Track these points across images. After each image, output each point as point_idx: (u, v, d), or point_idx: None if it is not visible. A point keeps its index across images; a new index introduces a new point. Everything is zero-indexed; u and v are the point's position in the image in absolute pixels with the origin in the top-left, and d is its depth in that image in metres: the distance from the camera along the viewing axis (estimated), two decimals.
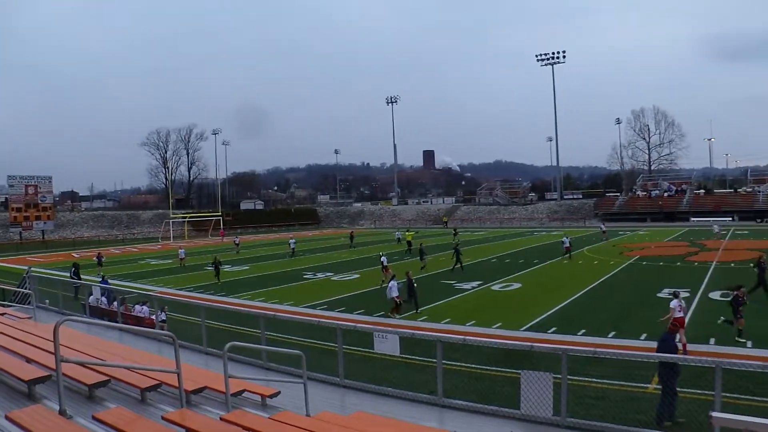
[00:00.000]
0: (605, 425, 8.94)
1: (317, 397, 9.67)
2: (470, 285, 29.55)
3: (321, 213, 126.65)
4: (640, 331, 18.50)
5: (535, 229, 78.40)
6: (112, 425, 5.46)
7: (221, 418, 6.54)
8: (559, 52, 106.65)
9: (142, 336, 14.77)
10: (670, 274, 31.45)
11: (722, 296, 22.62)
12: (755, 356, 15.07)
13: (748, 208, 79.56)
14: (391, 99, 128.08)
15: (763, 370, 8.62)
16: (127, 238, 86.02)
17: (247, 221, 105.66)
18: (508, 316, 21.56)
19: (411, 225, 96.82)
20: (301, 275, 36.03)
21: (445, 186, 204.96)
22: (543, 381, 9.13)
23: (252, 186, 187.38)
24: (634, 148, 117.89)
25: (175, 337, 7.25)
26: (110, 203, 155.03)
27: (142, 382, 7.45)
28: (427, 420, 9.42)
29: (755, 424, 3.61)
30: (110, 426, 5.48)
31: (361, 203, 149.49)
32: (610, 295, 26.00)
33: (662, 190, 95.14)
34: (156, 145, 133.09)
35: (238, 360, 12.68)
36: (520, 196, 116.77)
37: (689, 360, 11.88)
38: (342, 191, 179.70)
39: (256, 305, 24.97)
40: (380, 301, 24.70)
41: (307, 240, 70.70)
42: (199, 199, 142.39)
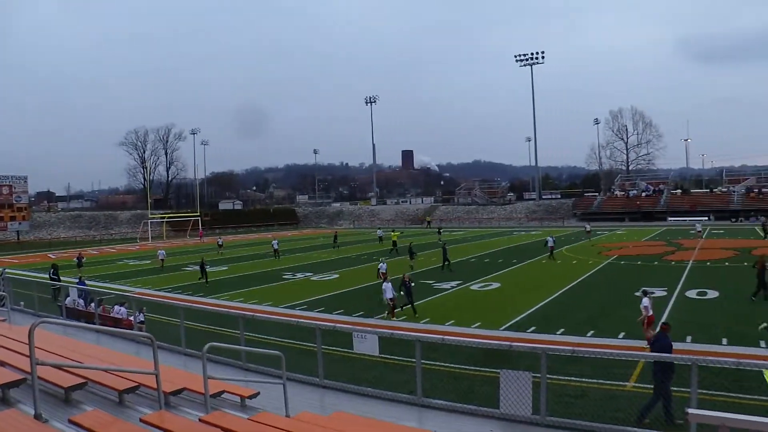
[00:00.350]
0: (584, 423, 8.99)
1: (297, 398, 9.64)
2: (449, 285, 29.62)
3: (300, 213, 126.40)
4: (619, 330, 18.66)
5: (513, 229, 78.71)
6: (89, 428, 5.40)
7: (200, 419, 6.49)
8: (538, 52, 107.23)
9: (120, 337, 14.63)
10: (647, 273, 31.74)
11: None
12: (730, 353, 15.24)
13: (723, 208, 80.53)
14: (370, 99, 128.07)
15: (738, 366, 8.71)
16: (105, 238, 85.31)
17: (226, 221, 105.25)
18: (487, 316, 21.64)
19: (389, 225, 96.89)
20: (281, 275, 35.94)
21: (424, 186, 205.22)
22: (522, 380, 9.16)
23: (231, 186, 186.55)
24: (612, 149, 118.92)
25: (154, 339, 7.19)
26: (88, 203, 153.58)
27: (119, 384, 7.38)
28: (406, 420, 9.42)
29: (730, 420, 3.65)
30: (87, 429, 5.42)
31: (340, 203, 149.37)
32: (589, 294, 26.18)
33: (640, 189, 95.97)
34: (134, 144, 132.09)
35: (217, 361, 12.61)
36: (499, 196, 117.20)
37: (666, 358, 11.98)
38: (321, 191, 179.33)
39: (235, 306, 24.87)
40: (359, 302, 24.71)
41: (286, 240, 70.43)
42: (177, 200, 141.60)
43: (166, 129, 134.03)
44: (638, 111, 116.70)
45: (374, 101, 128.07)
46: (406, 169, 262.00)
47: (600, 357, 13.60)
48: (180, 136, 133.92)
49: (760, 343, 16.50)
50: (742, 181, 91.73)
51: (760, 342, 16.58)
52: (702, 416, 4.14)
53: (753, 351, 15.51)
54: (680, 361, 9.44)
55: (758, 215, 72.78)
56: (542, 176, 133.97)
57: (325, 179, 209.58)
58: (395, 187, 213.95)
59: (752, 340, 16.70)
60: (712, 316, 20.57)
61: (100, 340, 14.46)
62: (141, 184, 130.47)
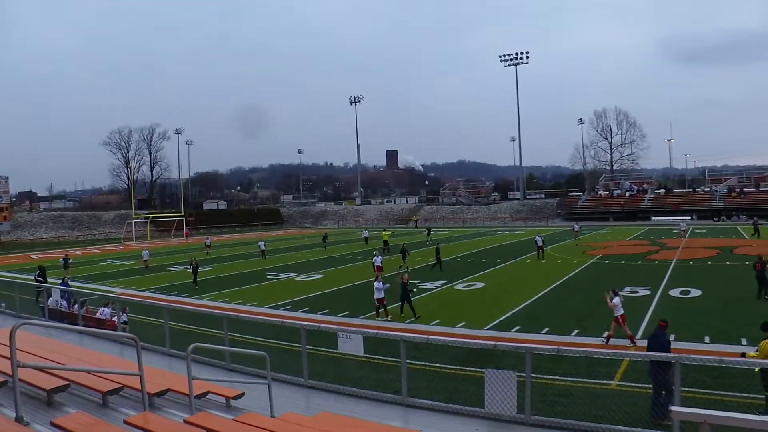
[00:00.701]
0: (569, 422, 9.03)
1: (282, 398, 9.63)
2: (434, 284, 29.66)
3: (284, 213, 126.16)
4: (603, 329, 18.72)
5: (498, 229, 78.92)
6: (72, 431, 5.37)
7: (185, 420, 6.47)
8: (523, 53, 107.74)
9: (104, 339, 14.54)
10: (631, 272, 31.95)
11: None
12: (712, 351, 15.39)
13: (706, 208, 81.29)
14: (355, 99, 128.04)
15: (720, 364, 8.80)
16: (89, 239, 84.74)
17: (210, 221, 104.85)
18: (472, 316, 21.68)
19: (374, 225, 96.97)
20: (265, 276, 35.85)
21: (409, 186, 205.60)
22: (507, 379, 9.19)
23: (215, 186, 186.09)
24: (596, 148, 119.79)
25: (138, 339, 7.15)
26: (70, 204, 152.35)
27: (103, 386, 7.33)
28: (392, 419, 9.42)
29: (712, 417, 3.68)
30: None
31: (325, 203, 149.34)
32: (573, 293, 26.28)
33: (624, 189, 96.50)
34: (118, 144, 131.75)
35: (202, 361, 12.56)
36: (483, 196, 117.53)
37: (649, 356, 12.06)
38: (305, 191, 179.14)
39: (219, 306, 24.80)
40: (344, 302, 24.70)
41: (271, 240, 70.27)
42: (161, 200, 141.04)
43: (150, 129, 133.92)
44: (622, 111, 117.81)
45: (359, 101, 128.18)
46: (390, 169, 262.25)
47: (584, 356, 13.70)
48: (164, 136, 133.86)
49: (741, 341, 16.65)
50: (724, 181, 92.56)
51: (741, 340, 16.73)
52: (684, 413, 4.18)
53: (735, 349, 15.63)
54: (664, 359, 9.50)
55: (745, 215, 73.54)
56: (527, 176, 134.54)
57: (309, 179, 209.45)
58: (380, 187, 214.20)
59: (734, 338, 16.88)
60: (695, 314, 20.73)
61: (83, 341, 14.36)
62: (125, 184, 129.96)
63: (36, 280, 26.73)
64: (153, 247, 62.58)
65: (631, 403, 11.22)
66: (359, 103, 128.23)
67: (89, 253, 59.66)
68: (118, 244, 73.93)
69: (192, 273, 33.22)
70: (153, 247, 64.09)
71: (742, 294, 24.04)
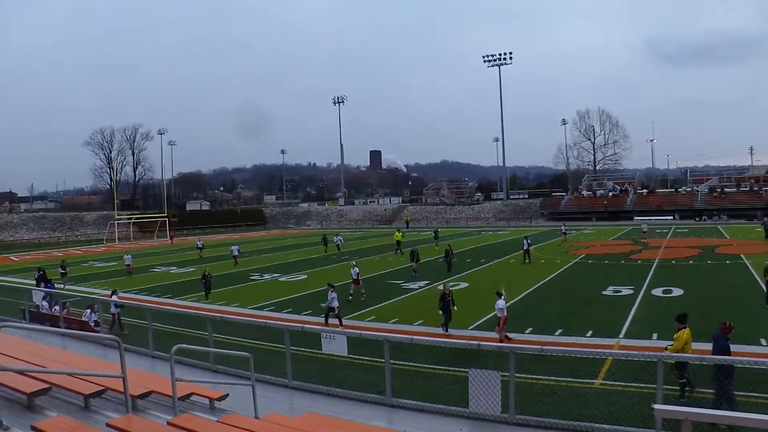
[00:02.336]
0: (553, 421, 9.08)
1: (266, 399, 9.61)
2: (417, 285, 29.70)
3: (267, 213, 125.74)
4: (586, 329, 18.86)
5: (481, 229, 79.09)
6: None
7: (168, 422, 6.45)
8: (506, 53, 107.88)
9: (86, 341, 14.46)
10: (614, 272, 32.15)
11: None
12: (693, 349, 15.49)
13: (687, 207, 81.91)
14: (338, 99, 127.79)
15: (701, 362, 8.89)
16: (71, 240, 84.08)
17: (194, 222, 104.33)
18: (456, 316, 21.70)
19: (357, 225, 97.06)
20: (248, 276, 35.75)
21: (392, 186, 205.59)
22: (491, 379, 9.22)
23: (198, 186, 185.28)
24: (579, 149, 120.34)
25: (120, 341, 7.10)
26: (52, 204, 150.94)
27: (85, 389, 7.29)
28: (376, 420, 9.44)
29: (693, 414, 3.73)
30: None
31: (308, 203, 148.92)
32: (557, 293, 26.40)
33: (607, 189, 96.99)
34: (100, 145, 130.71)
35: (186, 363, 12.52)
36: (467, 196, 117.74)
37: (632, 355, 12.13)
38: (288, 191, 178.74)
39: (203, 307, 24.68)
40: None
41: (254, 241, 70.07)
42: (144, 200, 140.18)
43: (132, 129, 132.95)
44: (605, 112, 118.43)
45: (342, 101, 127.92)
46: (374, 169, 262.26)
47: (568, 355, 13.77)
48: (147, 136, 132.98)
49: None
50: (705, 181, 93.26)
51: None
52: (667, 411, 4.23)
53: None
54: (647, 358, 9.56)
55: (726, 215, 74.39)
56: (510, 176, 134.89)
57: (292, 179, 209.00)
58: (363, 187, 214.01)
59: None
60: (677, 313, 20.80)
61: (65, 343, 14.26)
62: (107, 184, 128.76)
63: (37, 283, 25.94)
64: (136, 248, 62.29)
65: (615, 402, 11.31)
66: (343, 103, 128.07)
67: (71, 255, 59.08)
68: (101, 245, 73.39)
69: (204, 286, 28.64)
70: (136, 248, 63.77)
71: (723, 293, 24.28)
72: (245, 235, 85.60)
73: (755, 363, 9.63)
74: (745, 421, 3.74)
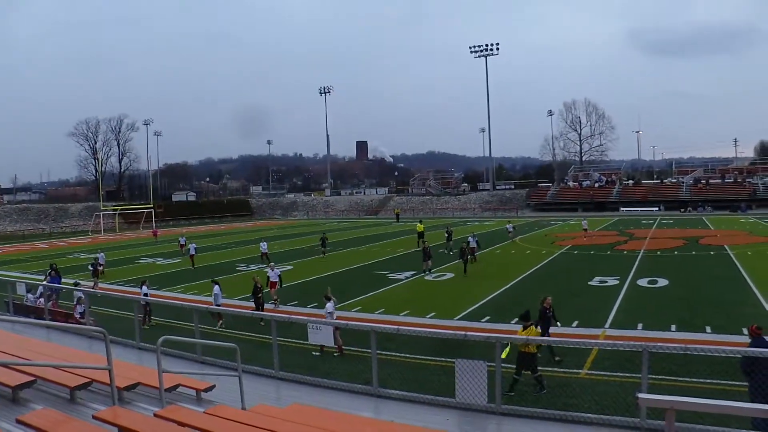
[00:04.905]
0: (539, 411, 9.14)
1: (253, 390, 9.61)
2: (404, 275, 29.74)
3: (254, 204, 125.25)
4: (572, 319, 18.97)
5: (467, 219, 79.19)
6: (39, 428, 5.31)
7: (155, 414, 6.44)
8: (493, 44, 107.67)
9: (72, 333, 14.40)
10: (600, 262, 32.30)
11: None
12: (678, 339, 15.65)
13: (673, 198, 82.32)
14: (325, 89, 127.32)
15: (685, 352, 8.97)
16: (55, 231, 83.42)
17: (180, 213, 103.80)
18: (442, 306, 21.77)
19: (343, 216, 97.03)
20: (235, 267, 35.67)
21: (378, 176, 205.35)
22: (477, 369, 9.26)
23: (184, 177, 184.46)
24: (565, 140, 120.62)
25: (106, 333, 7.07)
26: (36, 196, 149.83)
27: (71, 381, 7.27)
28: (363, 410, 9.46)
29: (677, 403, 3.76)
30: (36, 429, 5.33)
31: (294, 194, 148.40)
32: (543, 283, 26.48)
33: (593, 180, 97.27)
34: (85, 135, 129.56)
35: (173, 354, 12.48)
36: (453, 187, 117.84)
37: (618, 345, 12.23)
38: (275, 182, 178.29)
39: (189, 298, 24.62)
40: (314, 293, 24.63)
41: (239, 232, 69.85)
42: (130, 191, 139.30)
43: (118, 119, 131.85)
44: (591, 103, 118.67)
45: (329, 92, 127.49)
46: (360, 160, 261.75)
47: (554, 345, 13.85)
48: (133, 127, 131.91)
49: (706, 328, 16.97)
50: (690, 173, 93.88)
51: (706, 327, 17.05)
52: (651, 400, 4.25)
53: (700, 336, 15.94)
54: (632, 348, 9.63)
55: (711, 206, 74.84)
56: (496, 167, 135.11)
57: (279, 170, 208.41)
58: (349, 178, 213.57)
59: (699, 326, 17.18)
60: (662, 303, 21.03)
61: (50, 336, 14.20)
62: (92, 175, 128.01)
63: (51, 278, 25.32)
64: (121, 240, 62.01)
65: (600, 392, 11.37)
66: (329, 93, 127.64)
67: (56, 246, 58.80)
68: (86, 236, 72.89)
69: (255, 302, 20.99)
70: (121, 239, 63.49)
71: (707, 283, 24.48)
72: (231, 225, 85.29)
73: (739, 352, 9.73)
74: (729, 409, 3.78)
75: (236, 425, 6.20)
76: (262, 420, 6.65)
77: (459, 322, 19.21)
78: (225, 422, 6.28)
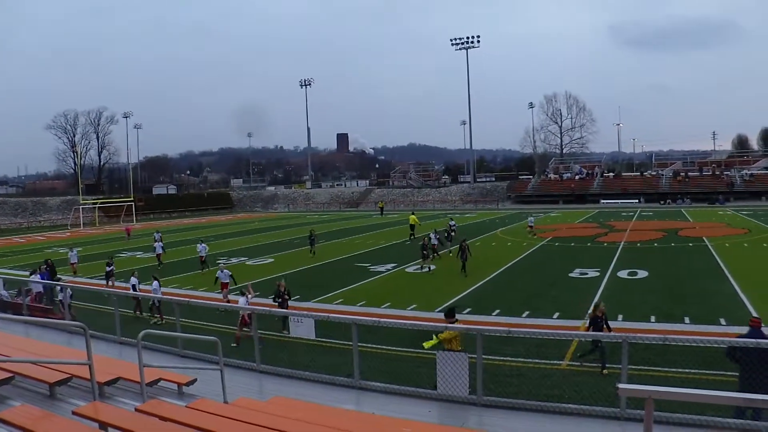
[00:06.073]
0: (520, 402, 9.20)
1: (234, 383, 9.59)
2: (385, 267, 29.80)
3: (234, 197, 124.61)
4: (553, 311, 19.09)
5: (448, 212, 79.29)
6: (17, 425, 5.27)
7: (136, 408, 6.42)
8: (474, 36, 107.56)
9: (51, 328, 14.28)
10: (581, 254, 32.51)
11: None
12: (658, 330, 15.83)
13: (652, 191, 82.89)
14: (305, 82, 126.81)
15: (664, 342, 9.06)
16: (33, 226, 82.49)
17: (160, 206, 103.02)
18: (423, 298, 21.82)
19: (324, 208, 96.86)
20: (215, 261, 35.49)
21: (359, 169, 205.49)
22: (459, 361, 9.30)
23: (164, 170, 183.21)
24: (546, 132, 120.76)
25: (86, 327, 7.02)
26: (13, 189, 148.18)
27: (50, 377, 7.22)
28: (345, 403, 9.47)
29: (656, 392, 3.80)
30: (15, 426, 5.28)
31: (275, 187, 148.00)
32: (524, 275, 26.66)
33: (573, 173, 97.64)
34: (63, 128, 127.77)
35: (154, 348, 12.41)
36: (434, 179, 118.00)
37: (598, 336, 12.34)
38: (255, 175, 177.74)
39: (170, 292, 24.49)
40: (294, 285, 24.59)
41: (220, 225, 69.54)
42: (110, 185, 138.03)
43: (97, 112, 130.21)
44: (572, 95, 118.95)
45: (309, 84, 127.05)
46: (341, 152, 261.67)
47: (535, 337, 13.94)
48: (112, 120, 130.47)
49: (684, 319, 17.16)
50: (669, 165, 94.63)
51: (684, 318, 17.24)
52: (631, 390, 4.30)
53: (679, 327, 16.12)
54: (611, 339, 9.72)
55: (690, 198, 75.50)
56: (477, 159, 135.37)
57: (259, 163, 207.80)
58: (330, 170, 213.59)
59: (678, 317, 17.37)
60: (642, 294, 21.23)
61: (28, 331, 14.07)
62: (71, 168, 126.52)
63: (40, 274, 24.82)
64: (100, 234, 61.49)
65: (581, 382, 11.48)
66: (310, 86, 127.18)
67: (34, 241, 58.19)
68: (65, 230, 72.24)
69: (279, 305, 17.90)
70: (100, 233, 62.98)
71: (686, 274, 24.75)
72: (212, 219, 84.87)
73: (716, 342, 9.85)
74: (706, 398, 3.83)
75: (218, 419, 6.19)
76: (245, 413, 6.65)
77: (440, 314, 19.25)
78: (207, 416, 6.27)
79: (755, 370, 8.78)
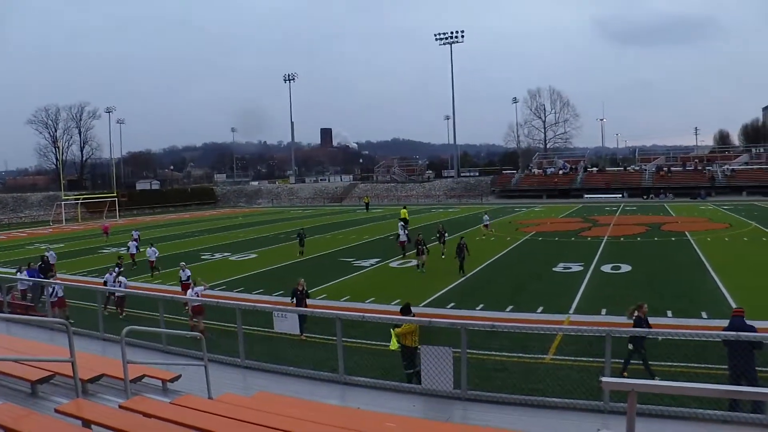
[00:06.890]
0: (504, 396, 9.24)
1: (219, 379, 9.57)
2: (369, 262, 29.81)
3: (218, 192, 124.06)
4: (537, 305, 19.16)
5: (432, 207, 79.45)
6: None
7: (120, 405, 6.38)
8: (458, 31, 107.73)
9: (33, 326, 14.17)
10: (565, 248, 32.66)
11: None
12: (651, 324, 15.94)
13: (636, 186, 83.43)
14: (289, 76, 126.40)
15: (647, 336, 9.14)
16: (14, 222, 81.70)
17: (143, 202, 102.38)
18: (407, 293, 21.81)
19: (308, 204, 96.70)
20: (199, 256, 35.37)
21: (343, 164, 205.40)
22: (443, 355, 9.32)
23: (148, 165, 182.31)
24: (530, 127, 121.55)
25: (69, 325, 6.98)
26: None
27: (32, 375, 7.17)
28: (330, 398, 9.48)
29: (639, 386, 3.83)
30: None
31: (259, 182, 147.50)
32: (508, 270, 26.75)
33: (557, 168, 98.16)
34: (44, 123, 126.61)
35: (137, 345, 12.36)
36: (418, 174, 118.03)
37: (582, 330, 12.40)
38: (239, 170, 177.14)
39: (153, 288, 24.41)
40: (279, 281, 24.57)
41: (204, 220, 69.23)
42: (93, 180, 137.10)
43: (79, 107, 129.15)
44: (556, 90, 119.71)
45: (293, 79, 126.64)
46: (324, 147, 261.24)
47: (519, 331, 13.99)
48: (94, 115, 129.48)
49: (667, 313, 17.29)
50: (653, 160, 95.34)
51: (667, 312, 17.37)
52: (614, 383, 4.35)
53: (662, 321, 16.21)
54: (595, 333, 9.77)
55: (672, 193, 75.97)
56: (461, 154, 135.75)
57: (243, 158, 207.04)
58: (314, 165, 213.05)
59: (661, 311, 17.45)
60: (625, 289, 21.35)
61: (10, 329, 13.95)
62: (53, 164, 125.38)
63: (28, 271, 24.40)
64: (82, 229, 61.04)
65: (564, 376, 11.54)
66: (293, 80, 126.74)
67: (14, 237, 57.64)
68: (47, 227, 71.59)
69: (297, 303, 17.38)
70: (82, 229, 62.53)
71: (669, 269, 24.92)
72: (195, 214, 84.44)
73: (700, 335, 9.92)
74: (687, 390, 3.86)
75: (203, 415, 6.17)
76: (229, 409, 6.63)
77: (424, 309, 19.29)
78: (192, 412, 6.25)
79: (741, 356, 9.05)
